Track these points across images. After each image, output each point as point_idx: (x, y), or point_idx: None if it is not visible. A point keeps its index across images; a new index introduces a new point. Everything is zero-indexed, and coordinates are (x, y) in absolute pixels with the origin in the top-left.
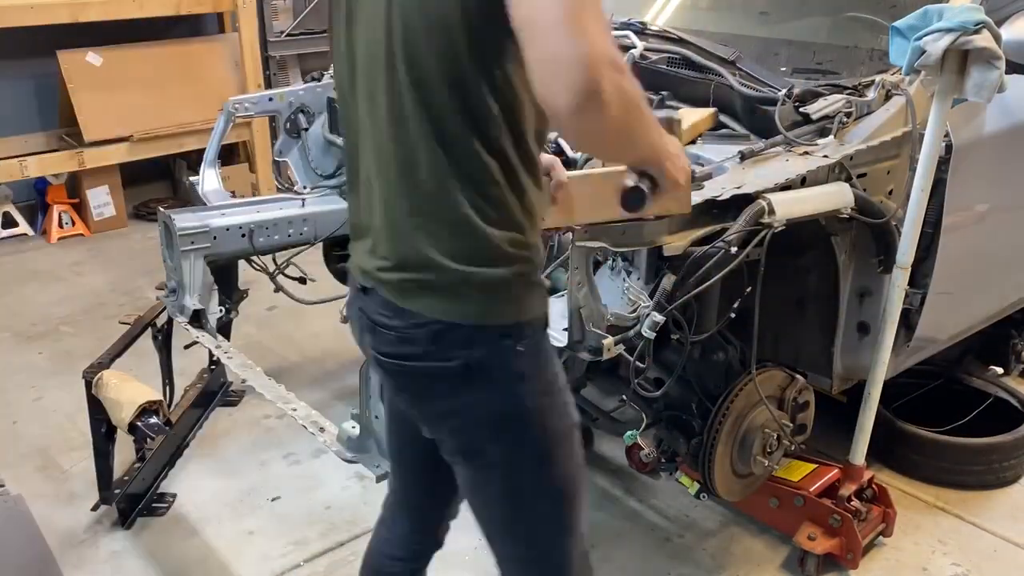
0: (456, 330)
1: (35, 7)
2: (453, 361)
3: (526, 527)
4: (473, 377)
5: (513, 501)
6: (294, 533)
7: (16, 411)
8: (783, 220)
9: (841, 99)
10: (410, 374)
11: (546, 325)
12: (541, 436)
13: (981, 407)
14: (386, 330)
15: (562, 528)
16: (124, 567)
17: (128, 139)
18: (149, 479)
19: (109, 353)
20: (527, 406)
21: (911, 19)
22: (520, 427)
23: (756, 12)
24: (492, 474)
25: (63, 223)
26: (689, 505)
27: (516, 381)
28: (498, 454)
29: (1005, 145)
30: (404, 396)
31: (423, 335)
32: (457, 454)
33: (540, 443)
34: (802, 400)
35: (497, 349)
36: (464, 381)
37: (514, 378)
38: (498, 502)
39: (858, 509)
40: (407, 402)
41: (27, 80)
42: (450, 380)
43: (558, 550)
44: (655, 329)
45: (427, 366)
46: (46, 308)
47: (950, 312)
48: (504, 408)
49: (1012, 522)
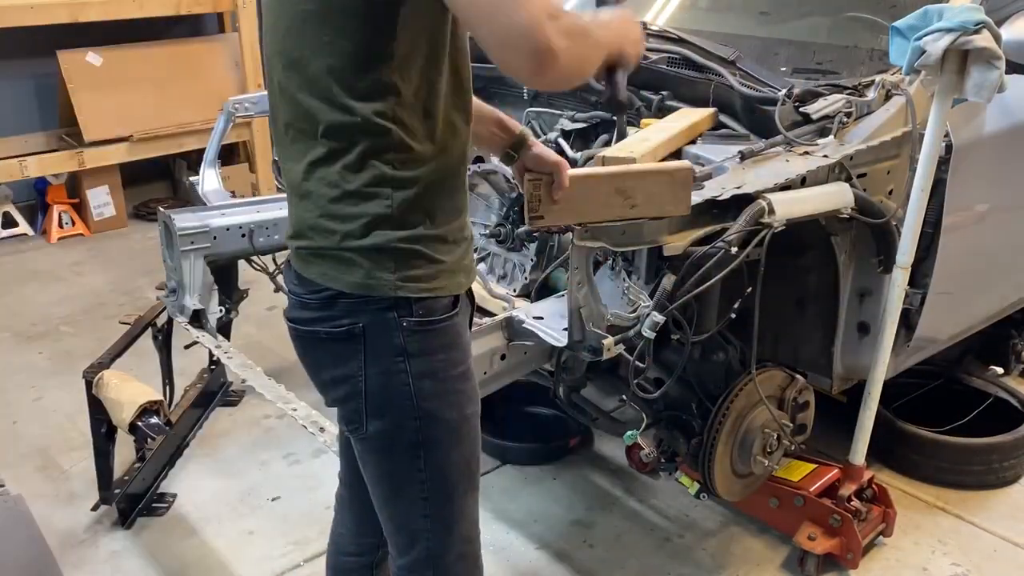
0: (344, 297)
1: (35, 7)
2: (339, 327)
3: (401, 511)
4: (356, 345)
5: (388, 481)
6: (294, 533)
7: (16, 411)
8: (783, 220)
9: (841, 99)
10: (305, 338)
11: (453, 305)
12: (419, 419)
13: (981, 407)
14: (293, 296)
15: (439, 522)
16: (124, 567)
17: (128, 139)
18: (149, 479)
19: (109, 353)
20: (406, 384)
21: (911, 19)
22: (396, 405)
23: (756, 12)
24: (370, 448)
25: (63, 223)
26: (689, 505)
27: (396, 356)
28: (375, 429)
29: (1005, 145)
30: (305, 363)
31: (316, 301)
32: (343, 423)
33: (417, 426)
34: (802, 400)
35: (381, 320)
36: (348, 349)
37: (395, 352)
38: (376, 479)
39: (858, 509)
40: (308, 370)
41: (27, 80)
42: (336, 346)
43: (433, 545)
44: (655, 329)
45: (317, 331)
46: (46, 308)
47: (950, 312)
48: (383, 382)
49: (1012, 522)
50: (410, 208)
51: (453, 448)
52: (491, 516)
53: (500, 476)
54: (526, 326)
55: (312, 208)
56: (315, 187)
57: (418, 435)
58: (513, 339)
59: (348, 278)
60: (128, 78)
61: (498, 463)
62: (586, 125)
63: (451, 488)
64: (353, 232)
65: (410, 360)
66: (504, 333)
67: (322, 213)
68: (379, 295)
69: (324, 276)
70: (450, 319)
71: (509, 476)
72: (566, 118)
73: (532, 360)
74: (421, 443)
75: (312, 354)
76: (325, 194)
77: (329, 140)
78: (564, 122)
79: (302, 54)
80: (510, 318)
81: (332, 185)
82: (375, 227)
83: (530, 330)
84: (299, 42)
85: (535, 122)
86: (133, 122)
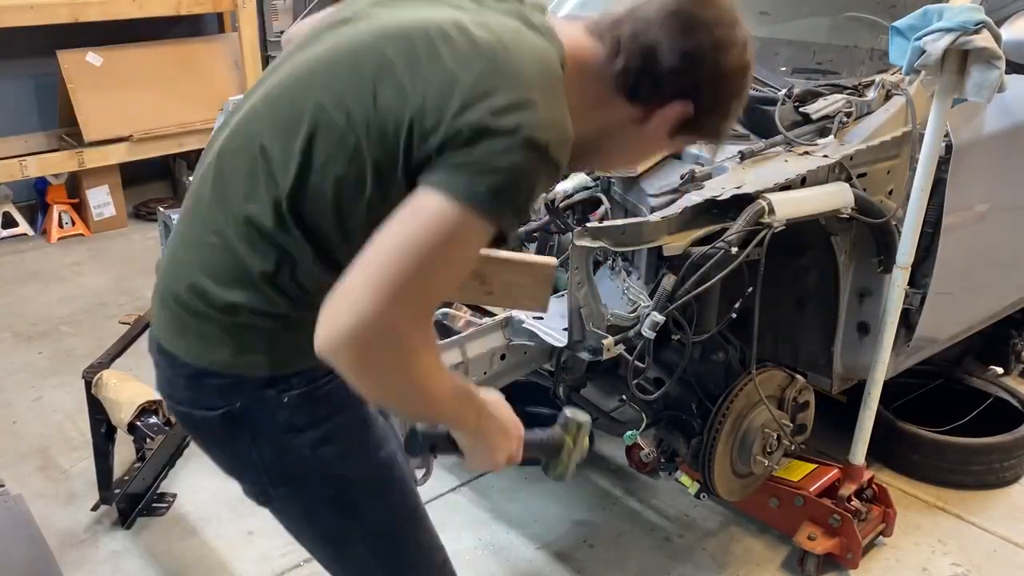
0: (212, 377)
1: (35, 7)
2: (214, 411)
3: (354, 570)
4: (238, 429)
5: (326, 546)
6: None
7: (16, 411)
8: (783, 220)
9: (841, 99)
10: (182, 418)
11: (330, 372)
12: (332, 487)
13: (981, 407)
14: (159, 368)
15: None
16: (124, 567)
17: (128, 139)
18: (149, 479)
19: (109, 353)
20: (305, 457)
21: (911, 19)
22: (303, 480)
23: (756, 12)
24: (290, 517)
25: (63, 223)
26: (689, 505)
27: (286, 433)
28: (292, 507)
29: (1005, 145)
30: (195, 440)
31: (182, 380)
32: (254, 499)
33: (332, 493)
34: (802, 400)
35: (258, 399)
36: (229, 434)
37: (283, 430)
38: (311, 545)
39: (858, 509)
40: (199, 445)
41: (27, 80)
42: (215, 432)
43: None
44: (655, 329)
45: (190, 413)
46: (46, 308)
47: (950, 312)
48: (279, 461)
49: (1012, 522)
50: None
51: (381, 498)
52: (491, 516)
53: (500, 476)
54: (526, 326)
55: (183, 277)
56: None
57: (338, 500)
58: (513, 339)
59: (217, 354)
60: (128, 78)
61: None
62: None
63: (396, 533)
64: (220, 305)
65: (302, 434)
66: (504, 333)
67: (193, 284)
68: (253, 374)
69: (187, 352)
70: (333, 375)
71: (509, 476)
72: None
73: (532, 360)
74: (344, 507)
75: (193, 434)
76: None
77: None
78: None
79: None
80: (510, 318)
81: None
82: (249, 311)
83: (530, 330)
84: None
85: None
86: (133, 122)
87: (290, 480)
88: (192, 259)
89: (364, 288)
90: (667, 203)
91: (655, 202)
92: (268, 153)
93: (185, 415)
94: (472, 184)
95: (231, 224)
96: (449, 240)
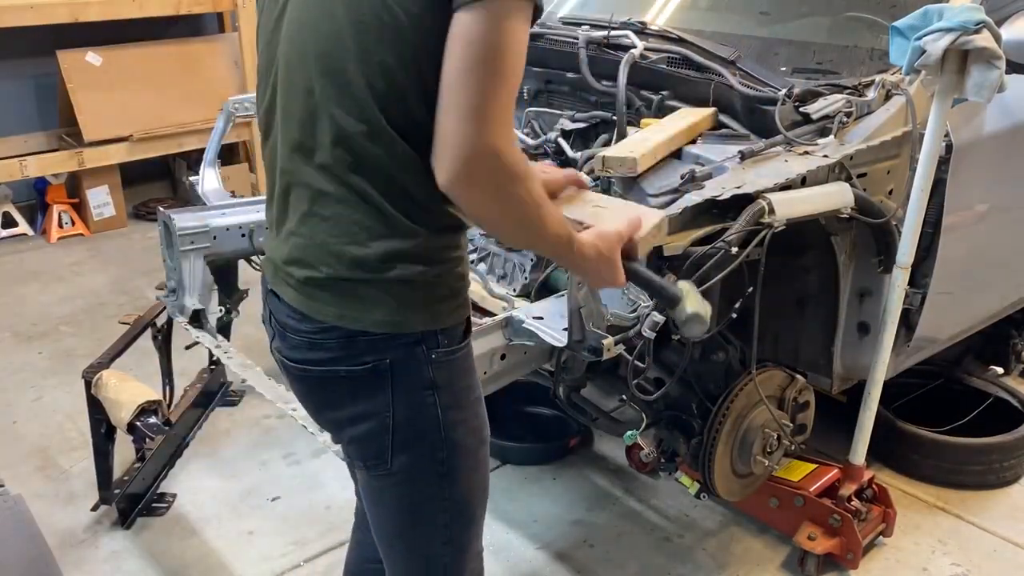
0: (365, 335)
1: (35, 7)
2: (362, 366)
3: (420, 541)
4: (382, 382)
5: (409, 513)
6: (294, 533)
7: (16, 411)
8: (783, 220)
9: (841, 99)
10: (318, 379)
11: (466, 333)
12: (445, 449)
13: (981, 407)
14: (294, 335)
15: (457, 546)
16: (124, 567)
17: (128, 139)
18: (149, 479)
19: (109, 353)
20: (435, 416)
21: (911, 19)
22: (425, 438)
23: (756, 12)
24: (392, 483)
25: (63, 223)
26: (689, 505)
27: (425, 390)
28: (400, 464)
29: (1005, 145)
30: (311, 402)
31: (332, 340)
32: (359, 460)
33: (444, 457)
34: (802, 400)
35: (409, 355)
36: (372, 386)
37: (424, 386)
38: (394, 512)
39: (858, 509)
40: (313, 409)
41: (27, 80)
42: (358, 384)
43: (450, 568)
44: (655, 329)
45: (335, 371)
46: (46, 308)
47: (950, 312)
48: (410, 416)
49: (1012, 522)
50: (439, 238)
51: (474, 472)
52: (491, 516)
53: (500, 476)
54: (526, 326)
55: (323, 231)
56: (333, 216)
57: (444, 465)
58: (513, 339)
59: (371, 316)
60: (128, 78)
61: (498, 463)
62: (586, 125)
63: (472, 511)
64: (372, 263)
65: (438, 392)
66: (504, 333)
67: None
68: (408, 331)
69: (341, 318)
70: (468, 344)
71: (509, 476)
72: (566, 118)
73: (532, 360)
74: (446, 473)
75: (323, 393)
76: (345, 218)
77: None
78: (564, 122)
79: (350, 68)
80: (510, 318)
81: (353, 219)
82: (398, 259)
83: (530, 330)
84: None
85: (535, 122)
86: (133, 122)
87: (413, 440)
88: (318, 230)
89: (456, 128)
90: (667, 203)
91: (655, 202)
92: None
93: (323, 375)
94: None
95: (332, 173)
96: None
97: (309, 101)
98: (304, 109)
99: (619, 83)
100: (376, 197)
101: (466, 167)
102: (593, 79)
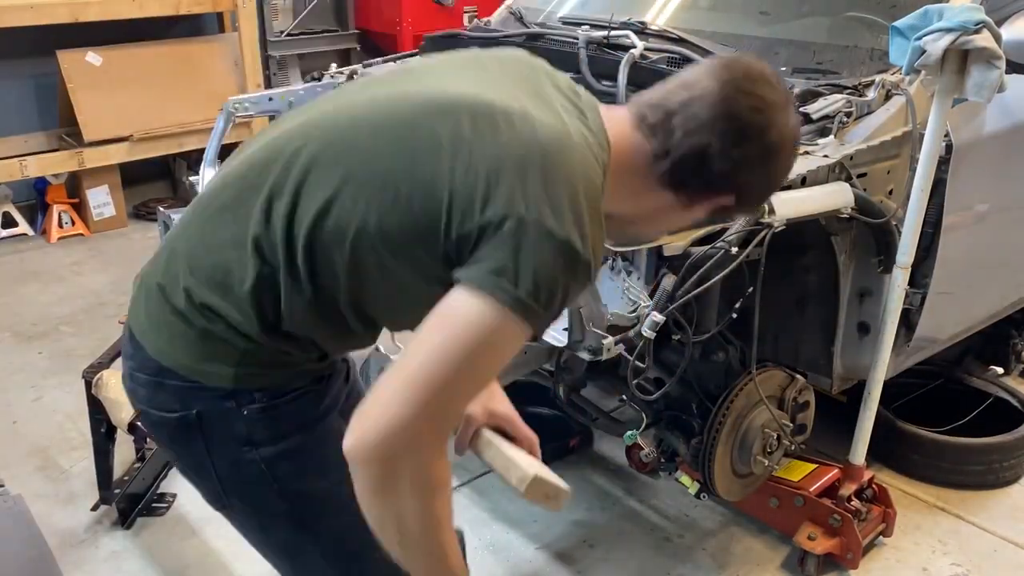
0: (174, 378)
1: (35, 7)
2: (171, 414)
3: (306, 572)
4: (194, 435)
5: (281, 554)
6: None
7: (16, 411)
8: (783, 220)
9: (841, 99)
10: (142, 415)
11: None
12: (287, 500)
13: (981, 407)
14: (126, 358)
15: (350, 570)
16: (124, 567)
17: (128, 139)
18: (149, 479)
19: (109, 353)
20: (259, 471)
21: (911, 19)
22: (257, 492)
23: (756, 12)
24: (246, 526)
25: (63, 223)
26: (689, 505)
27: (242, 445)
28: (243, 510)
29: (1005, 145)
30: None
31: (144, 376)
32: (211, 504)
33: (288, 508)
34: (802, 400)
35: (217, 409)
36: (184, 436)
37: (240, 442)
38: (266, 552)
39: (858, 509)
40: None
41: (27, 80)
42: (171, 432)
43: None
44: (655, 329)
45: (147, 412)
46: (46, 308)
47: (950, 312)
48: (233, 472)
49: (1012, 522)
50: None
51: (340, 515)
52: (491, 516)
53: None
54: None
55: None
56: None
57: (292, 514)
58: None
59: (179, 356)
60: (128, 78)
61: None
62: None
63: (356, 549)
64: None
65: (260, 447)
66: None
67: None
68: (214, 384)
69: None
70: (305, 391)
71: None
72: None
73: (532, 360)
74: (301, 521)
75: (151, 432)
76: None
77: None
78: None
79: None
80: None
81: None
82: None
83: None
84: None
85: None
86: (133, 122)
87: (244, 491)
88: (187, 252)
89: (395, 399)
90: None
91: None
92: (306, 177)
93: (144, 412)
94: (509, 285)
95: (239, 234)
96: (485, 345)
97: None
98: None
99: (619, 83)
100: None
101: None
102: (593, 79)
